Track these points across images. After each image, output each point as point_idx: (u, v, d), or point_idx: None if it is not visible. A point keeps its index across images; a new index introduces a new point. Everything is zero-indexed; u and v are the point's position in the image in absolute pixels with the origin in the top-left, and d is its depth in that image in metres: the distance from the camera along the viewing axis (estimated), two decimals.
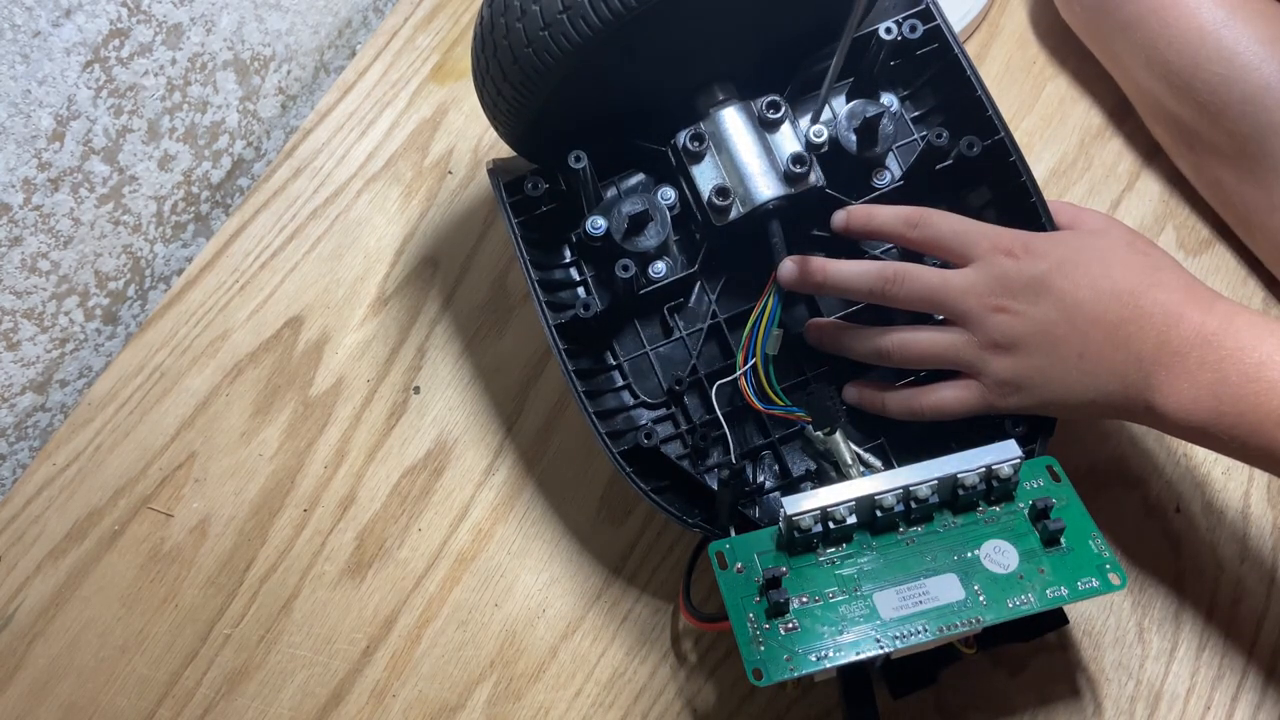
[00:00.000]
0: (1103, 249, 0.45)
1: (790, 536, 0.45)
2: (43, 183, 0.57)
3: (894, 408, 0.49)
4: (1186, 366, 0.42)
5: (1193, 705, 0.50)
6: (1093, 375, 0.44)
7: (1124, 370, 0.43)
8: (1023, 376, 0.45)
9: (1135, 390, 0.43)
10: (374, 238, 0.64)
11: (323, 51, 0.73)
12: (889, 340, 0.48)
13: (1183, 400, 0.42)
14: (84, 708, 0.53)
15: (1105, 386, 0.44)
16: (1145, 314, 0.43)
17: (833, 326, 0.50)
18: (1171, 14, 0.56)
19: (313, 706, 0.53)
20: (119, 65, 0.58)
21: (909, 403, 0.48)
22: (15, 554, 0.57)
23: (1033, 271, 0.45)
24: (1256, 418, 0.40)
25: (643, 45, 0.47)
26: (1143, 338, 0.43)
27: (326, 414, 0.59)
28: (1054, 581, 0.44)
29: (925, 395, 0.48)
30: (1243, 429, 0.41)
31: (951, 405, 0.47)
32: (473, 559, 0.55)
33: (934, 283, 0.47)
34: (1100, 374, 0.44)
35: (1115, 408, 0.44)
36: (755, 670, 0.42)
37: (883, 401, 0.49)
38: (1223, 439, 0.42)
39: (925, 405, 0.48)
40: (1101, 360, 0.43)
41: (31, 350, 0.61)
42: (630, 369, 0.53)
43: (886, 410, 0.49)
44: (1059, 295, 0.44)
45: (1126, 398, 0.43)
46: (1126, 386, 0.43)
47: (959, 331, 0.47)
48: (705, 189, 0.51)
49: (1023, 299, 0.45)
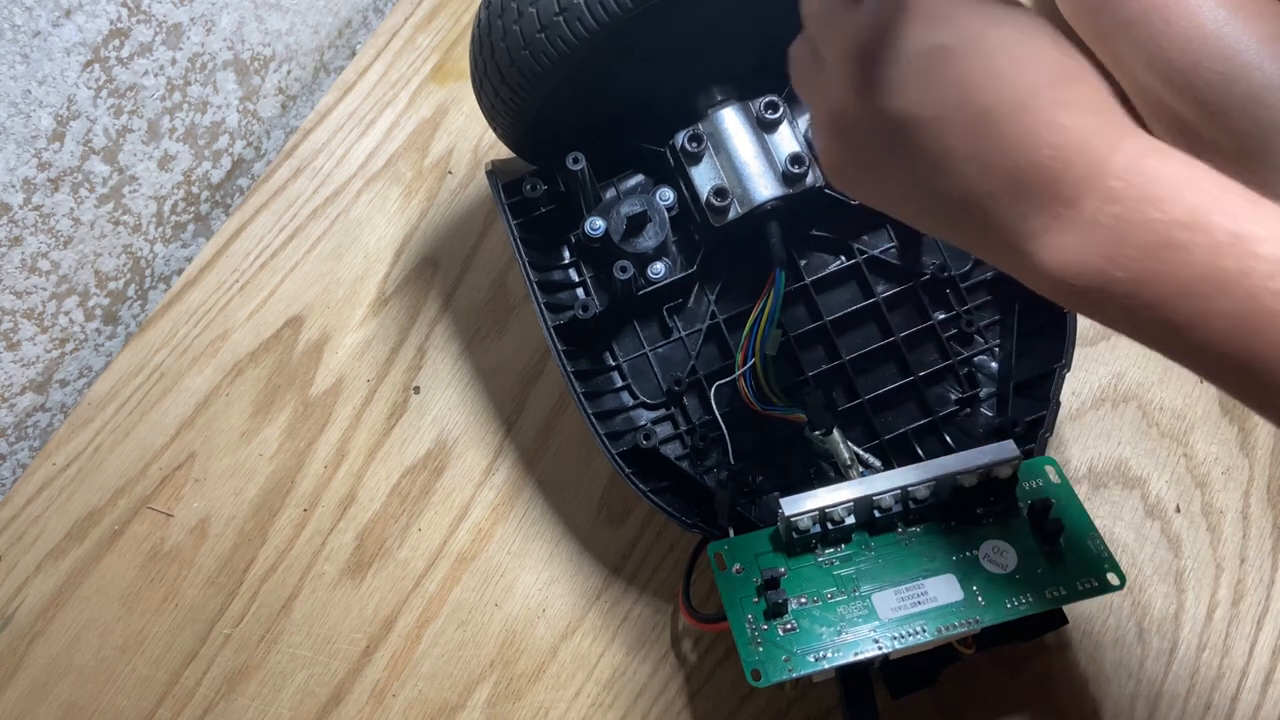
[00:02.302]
0: (1023, 35, 0.34)
1: (789, 537, 0.45)
2: (43, 183, 0.57)
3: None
4: (1078, 218, 0.32)
5: (1193, 705, 0.50)
6: (943, 202, 0.34)
7: (991, 204, 0.33)
8: (845, 169, 0.37)
9: (1005, 232, 0.33)
10: (374, 238, 0.64)
11: (323, 51, 0.73)
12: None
13: (1066, 258, 0.32)
14: (84, 708, 0.53)
15: (959, 218, 0.35)
16: (1035, 140, 0.32)
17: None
18: (1172, 13, 0.56)
19: (313, 706, 0.53)
20: (119, 65, 0.58)
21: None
22: (15, 554, 0.57)
23: (924, 43, 0.34)
24: (1156, 290, 0.31)
25: (640, 46, 0.47)
26: (1027, 170, 0.32)
27: (326, 414, 0.59)
28: (1053, 582, 0.44)
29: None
30: (1136, 301, 0.31)
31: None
32: (473, 559, 0.55)
33: (811, 9, 0.38)
34: (954, 202, 0.34)
35: (975, 246, 0.35)
36: (754, 671, 0.42)
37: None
38: (1110, 310, 0.32)
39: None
40: (961, 187, 0.33)
41: (31, 350, 0.61)
42: (629, 370, 0.53)
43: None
44: (945, 82, 0.34)
45: (992, 238, 0.34)
46: (992, 225, 0.33)
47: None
48: (704, 190, 0.51)
49: (898, 74, 0.34)
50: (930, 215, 0.36)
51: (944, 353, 0.52)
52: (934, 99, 0.33)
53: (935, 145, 0.34)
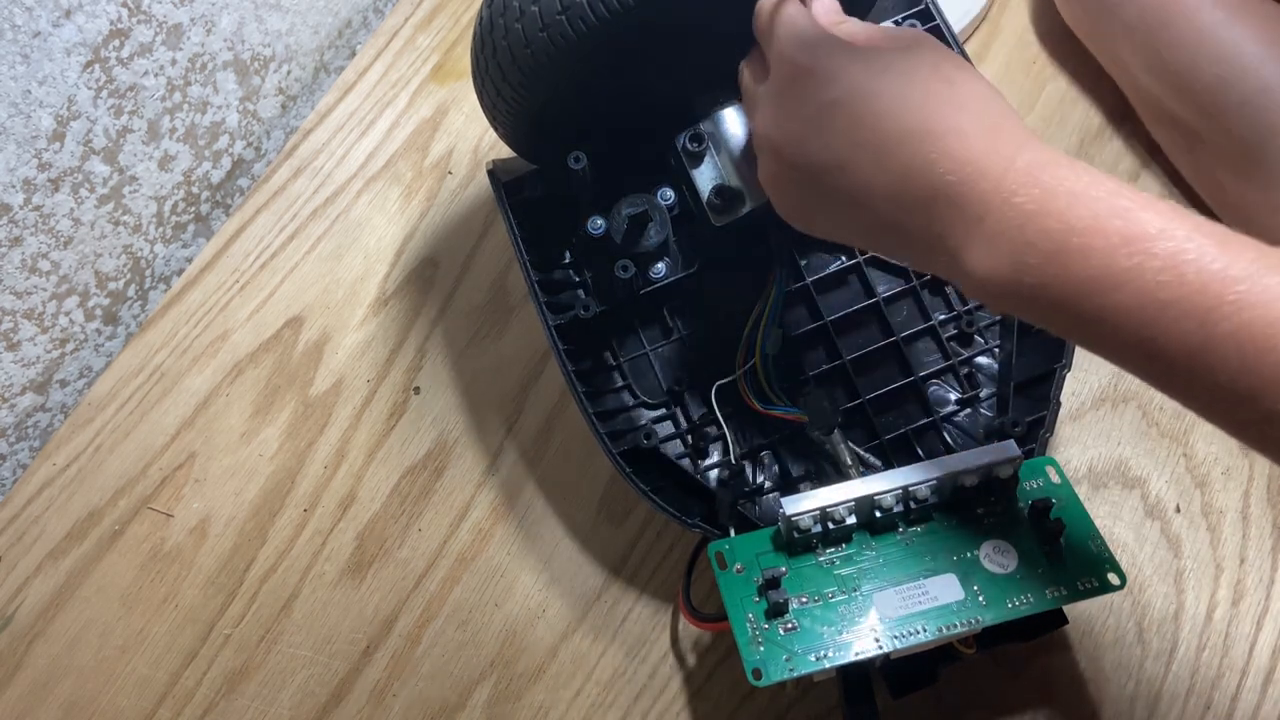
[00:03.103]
0: (902, 75, 0.38)
1: (790, 537, 0.45)
2: (43, 183, 0.57)
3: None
4: (985, 232, 0.35)
5: (1192, 705, 0.50)
6: (872, 230, 0.39)
7: (911, 227, 0.37)
8: (791, 213, 0.42)
9: (930, 249, 0.37)
10: (374, 238, 0.64)
11: (323, 51, 0.73)
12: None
13: (981, 268, 0.35)
14: (84, 708, 0.53)
15: (891, 242, 0.39)
16: (935, 166, 0.36)
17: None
18: (1171, 15, 0.56)
19: (313, 706, 0.53)
20: (119, 65, 0.58)
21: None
22: (15, 554, 0.57)
23: (817, 100, 0.38)
24: (1061, 290, 0.33)
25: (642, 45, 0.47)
26: (931, 194, 0.36)
27: (326, 414, 0.59)
28: (1053, 581, 0.44)
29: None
30: (1046, 302, 0.34)
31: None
32: (473, 559, 0.55)
33: (745, 84, 0.44)
34: (882, 228, 0.38)
35: (914, 263, 0.40)
36: (755, 670, 0.42)
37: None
38: (1028, 311, 0.36)
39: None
40: (881, 215, 0.37)
41: (31, 350, 0.61)
42: (630, 369, 0.53)
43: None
44: (839, 130, 0.38)
45: (923, 256, 0.38)
46: (917, 244, 0.37)
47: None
48: (705, 189, 0.50)
49: (801, 130, 0.39)
50: (864, 241, 0.41)
51: (944, 353, 0.52)
52: (835, 146, 0.38)
53: (848, 184, 0.38)
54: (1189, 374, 0.32)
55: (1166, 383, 0.33)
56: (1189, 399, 0.33)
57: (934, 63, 0.38)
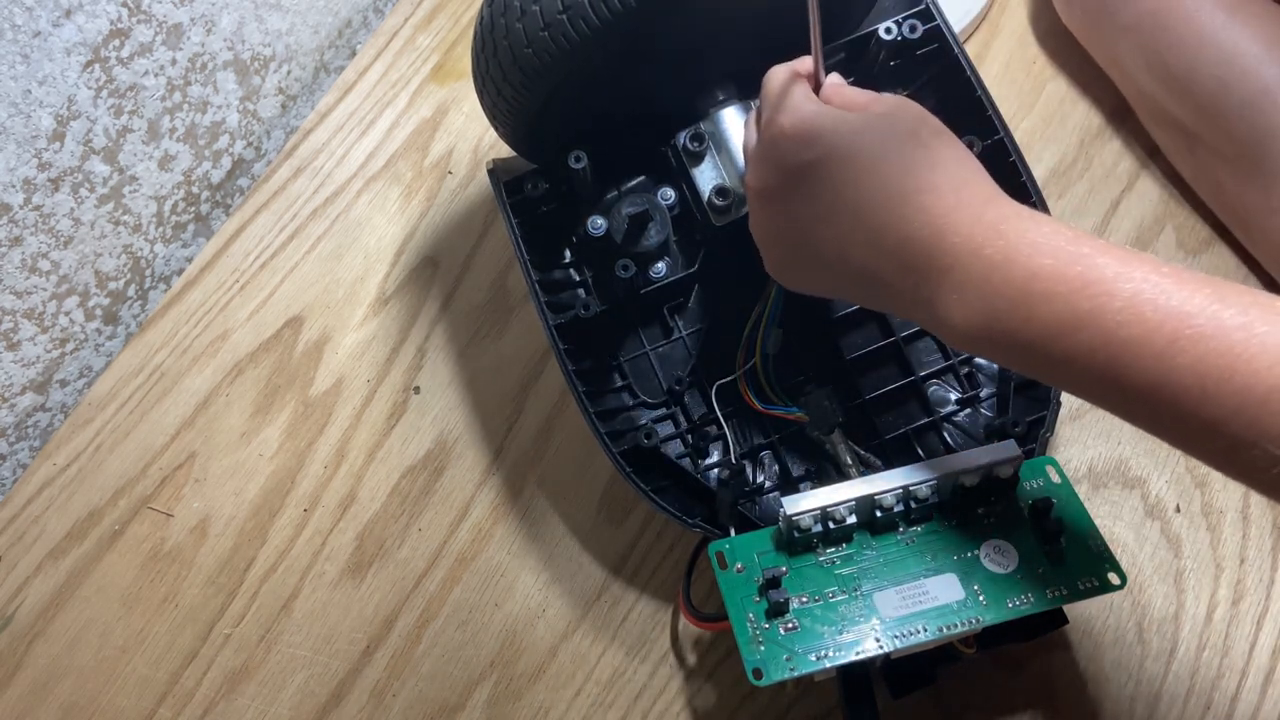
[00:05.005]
0: (879, 139, 0.40)
1: (790, 536, 0.45)
2: (43, 183, 0.57)
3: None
4: (954, 282, 0.37)
5: (1192, 705, 0.50)
6: (854, 282, 0.41)
7: (889, 279, 0.39)
8: (777, 267, 0.44)
9: (908, 300, 0.39)
10: (374, 238, 0.64)
11: (323, 51, 0.73)
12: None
13: (955, 317, 0.37)
14: (84, 708, 0.53)
15: (873, 295, 0.41)
16: (908, 222, 0.38)
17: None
18: (1171, 17, 0.56)
19: (313, 706, 0.53)
20: (119, 65, 0.58)
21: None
22: (15, 554, 0.57)
23: (798, 160, 0.41)
24: (1029, 334, 0.36)
25: (642, 45, 0.47)
26: (904, 248, 0.38)
27: (326, 414, 0.59)
28: (1053, 581, 0.44)
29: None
30: (1016, 345, 0.36)
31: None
32: (473, 559, 0.55)
33: (745, 141, 0.46)
34: (863, 281, 0.40)
35: (895, 312, 0.42)
36: (755, 670, 0.42)
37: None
38: (1002, 355, 0.38)
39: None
40: (860, 268, 0.40)
41: (32, 350, 0.61)
42: (630, 369, 0.53)
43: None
44: (821, 188, 0.40)
45: (903, 306, 0.40)
46: (895, 296, 0.40)
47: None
48: (705, 189, 0.51)
49: (784, 187, 0.42)
50: (849, 294, 0.43)
51: (945, 353, 0.52)
52: (815, 204, 0.40)
53: (829, 238, 0.40)
54: (1154, 407, 0.33)
55: (1137, 417, 0.35)
56: (1161, 431, 0.34)
57: (911, 127, 0.40)
